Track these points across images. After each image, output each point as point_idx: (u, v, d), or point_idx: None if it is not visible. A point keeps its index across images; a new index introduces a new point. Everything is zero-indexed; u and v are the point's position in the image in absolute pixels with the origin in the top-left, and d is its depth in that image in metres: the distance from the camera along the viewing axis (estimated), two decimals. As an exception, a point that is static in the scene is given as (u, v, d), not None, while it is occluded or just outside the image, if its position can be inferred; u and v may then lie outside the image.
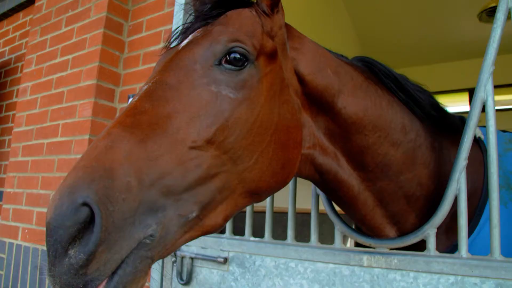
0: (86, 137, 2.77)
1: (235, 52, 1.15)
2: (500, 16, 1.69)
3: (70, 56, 3.11)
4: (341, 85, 1.50)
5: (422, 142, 1.67)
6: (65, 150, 2.90)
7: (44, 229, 0.83)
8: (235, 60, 1.15)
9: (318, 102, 1.47)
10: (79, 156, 2.75)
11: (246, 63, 1.17)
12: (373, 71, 1.69)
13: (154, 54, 2.79)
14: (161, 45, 2.76)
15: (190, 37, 1.20)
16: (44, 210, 2.92)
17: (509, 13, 1.68)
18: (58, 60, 3.21)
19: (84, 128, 2.80)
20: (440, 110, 1.81)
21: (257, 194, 1.23)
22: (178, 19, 2.58)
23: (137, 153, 0.91)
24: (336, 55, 1.63)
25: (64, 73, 3.11)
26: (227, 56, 1.15)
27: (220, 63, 1.13)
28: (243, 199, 1.18)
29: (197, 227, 1.05)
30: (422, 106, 1.71)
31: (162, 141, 0.96)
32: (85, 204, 0.80)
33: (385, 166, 1.58)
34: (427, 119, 1.72)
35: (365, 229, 1.71)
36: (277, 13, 1.37)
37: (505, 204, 1.63)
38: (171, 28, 2.62)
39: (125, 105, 2.87)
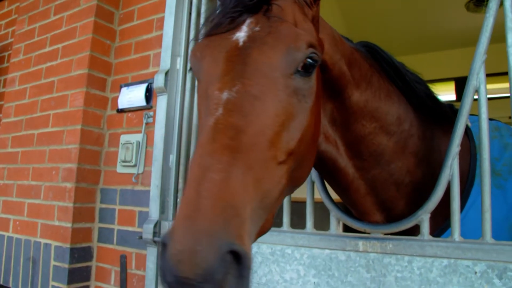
0: (78, 127, 2.74)
1: (312, 58, 1.10)
2: (493, 5, 1.71)
3: (60, 45, 3.07)
4: (352, 73, 1.51)
5: (415, 132, 1.71)
6: (56, 140, 2.88)
7: (34, 220, 0.79)
8: (310, 66, 1.10)
9: (331, 89, 1.48)
10: (71, 146, 2.74)
11: (314, 69, 1.13)
12: (375, 58, 1.72)
13: (147, 42, 2.77)
14: (154, 33, 2.74)
15: (245, 29, 1.10)
16: (36, 201, 2.90)
17: (500, 1, 1.71)
18: (47, 49, 3.17)
19: (76, 118, 2.78)
20: (434, 100, 1.85)
21: (295, 187, 1.23)
22: (171, 7, 2.56)
23: (248, 181, 0.87)
24: (345, 39, 1.63)
25: (54, 63, 3.07)
26: (303, 63, 1.09)
27: (298, 71, 1.08)
28: (284, 196, 1.17)
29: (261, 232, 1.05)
30: (418, 96, 1.74)
31: (262, 162, 0.93)
32: (230, 251, 0.75)
33: (379, 155, 1.63)
34: (421, 109, 1.76)
35: (355, 212, 1.77)
36: (318, 4, 1.32)
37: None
38: (164, 16, 2.60)
39: (117, 94, 2.85)
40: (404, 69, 1.78)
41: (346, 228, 1.86)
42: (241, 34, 1.09)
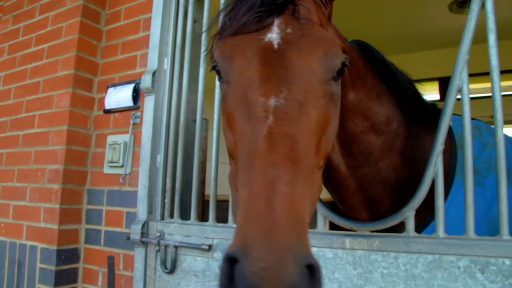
0: (65, 127, 2.72)
1: (344, 64, 1.11)
2: (475, 7, 1.76)
3: (45, 45, 3.04)
4: (350, 72, 1.53)
5: (402, 131, 1.75)
6: (42, 141, 2.85)
7: (20, 222, 0.77)
8: (341, 71, 1.11)
9: None
10: (57, 147, 2.72)
11: (343, 73, 1.14)
12: (368, 57, 1.74)
13: (134, 43, 2.77)
14: (141, 34, 2.74)
15: (277, 30, 1.08)
16: (22, 203, 2.87)
17: (482, 3, 1.76)
18: (32, 49, 3.14)
19: (62, 119, 2.76)
20: (421, 100, 1.89)
21: None
22: (158, 8, 2.56)
23: (307, 191, 0.89)
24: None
25: (39, 63, 3.05)
26: (339, 68, 1.10)
27: (333, 76, 1.09)
28: None
29: None
30: (407, 96, 1.78)
31: (312, 170, 0.95)
32: (306, 265, 0.76)
33: (368, 153, 1.66)
34: (408, 108, 1.80)
35: (342, 208, 1.80)
36: (332, 3, 1.33)
37: None
38: (151, 17, 2.60)
39: (103, 95, 2.84)
40: (395, 69, 1.81)
41: (333, 226, 1.89)
42: (274, 36, 1.07)
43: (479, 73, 3.35)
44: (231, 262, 0.76)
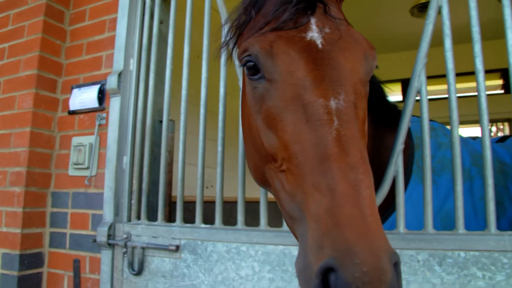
0: (27, 129, 2.66)
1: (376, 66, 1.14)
2: (432, 13, 1.84)
3: (6, 45, 2.96)
4: None
5: (370, 133, 1.81)
6: (4, 143, 2.78)
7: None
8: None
9: None
10: (19, 149, 2.65)
11: None
12: None
13: (99, 43, 2.74)
14: (106, 34, 2.71)
15: (316, 29, 1.07)
16: (-18, 206, 2.78)
17: (439, 9, 1.84)
18: (-8, 49, 3.05)
19: (24, 120, 2.69)
20: (386, 102, 1.96)
21: None
22: (123, 9, 2.54)
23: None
24: None
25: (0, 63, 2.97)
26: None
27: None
28: None
29: None
30: (376, 98, 1.84)
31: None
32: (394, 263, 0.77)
33: None
34: (376, 110, 1.86)
35: None
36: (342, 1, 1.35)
37: None
38: (116, 17, 2.58)
39: (68, 95, 2.79)
40: None
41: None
42: (315, 35, 1.06)
43: (438, 75, 3.48)
44: (324, 275, 0.74)
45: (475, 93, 1.73)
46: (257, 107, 1.11)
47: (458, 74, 1.82)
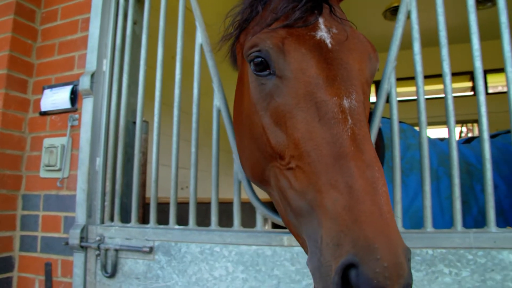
0: (-3, 130, 2.60)
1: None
2: (401, 17, 1.90)
3: (-26, 44, 2.89)
4: None
5: None
6: (-28, 145, 2.70)
7: None
8: None
9: None
10: (-12, 150, 2.59)
11: None
12: None
13: (71, 43, 2.70)
14: (79, 34, 2.67)
15: (324, 29, 1.08)
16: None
17: (408, 13, 1.90)
18: (-40, 47, 2.97)
19: (-7, 121, 2.63)
20: None
21: None
22: (96, 8, 2.52)
23: None
24: None
25: (-32, 62, 2.89)
26: None
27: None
28: None
29: None
30: None
31: None
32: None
33: None
34: None
35: None
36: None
37: None
38: (89, 17, 2.55)
39: (39, 96, 2.74)
40: None
41: (276, 226, 1.95)
42: (324, 34, 1.06)
43: (407, 77, 3.56)
44: (343, 272, 0.76)
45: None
46: (264, 104, 1.10)
47: (428, 76, 1.88)
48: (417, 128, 1.96)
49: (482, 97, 1.74)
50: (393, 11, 4.98)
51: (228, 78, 2.14)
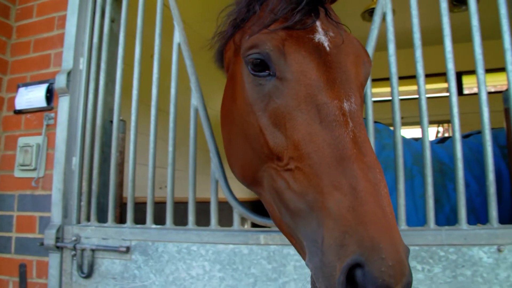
0: (-31, 129, 2.54)
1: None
2: (377, 19, 1.93)
3: None
4: None
5: None
6: None
7: None
8: None
9: None
10: (-40, 150, 2.53)
11: None
12: None
13: (47, 41, 2.65)
14: (55, 32, 2.63)
15: (322, 32, 1.09)
16: None
17: (383, 15, 1.93)
18: None
19: (-34, 120, 2.57)
20: None
21: None
22: (73, 6, 2.48)
23: None
24: None
25: None
26: None
27: None
28: None
29: None
30: None
31: None
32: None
33: None
34: None
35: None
36: None
37: None
38: (66, 14, 2.51)
39: (14, 94, 2.69)
40: None
41: (255, 226, 1.96)
42: (322, 37, 1.07)
43: (382, 78, 3.62)
44: (349, 271, 0.77)
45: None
46: (262, 105, 1.10)
47: (405, 77, 1.92)
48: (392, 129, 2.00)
49: (454, 98, 1.79)
50: (371, 13, 5.05)
51: (206, 78, 2.14)
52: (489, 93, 1.74)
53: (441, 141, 2.46)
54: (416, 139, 2.32)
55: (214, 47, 1.52)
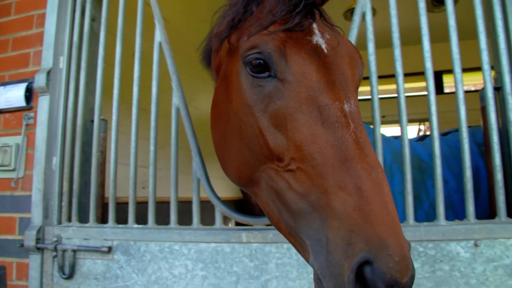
0: None
1: None
2: (356, 18, 1.95)
3: None
4: None
5: None
6: None
7: None
8: None
9: None
10: None
11: None
12: None
13: (26, 39, 2.61)
14: (34, 30, 2.60)
15: (319, 34, 1.10)
16: None
17: (363, 15, 1.95)
18: None
19: None
20: None
21: None
22: (53, 4, 2.45)
23: None
24: None
25: None
26: None
27: None
28: None
29: None
30: None
31: None
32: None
33: None
34: None
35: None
36: None
37: None
38: (45, 12, 2.48)
39: (-8, 94, 2.64)
40: None
41: (238, 224, 1.97)
42: (320, 40, 1.09)
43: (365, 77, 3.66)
44: (358, 269, 0.79)
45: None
46: (262, 106, 1.10)
47: (385, 76, 1.94)
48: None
49: (432, 97, 1.82)
50: (352, 13, 5.11)
51: (188, 76, 2.13)
52: (469, 91, 1.78)
53: (421, 139, 2.50)
54: (395, 137, 2.36)
55: (201, 47, 1.51)
